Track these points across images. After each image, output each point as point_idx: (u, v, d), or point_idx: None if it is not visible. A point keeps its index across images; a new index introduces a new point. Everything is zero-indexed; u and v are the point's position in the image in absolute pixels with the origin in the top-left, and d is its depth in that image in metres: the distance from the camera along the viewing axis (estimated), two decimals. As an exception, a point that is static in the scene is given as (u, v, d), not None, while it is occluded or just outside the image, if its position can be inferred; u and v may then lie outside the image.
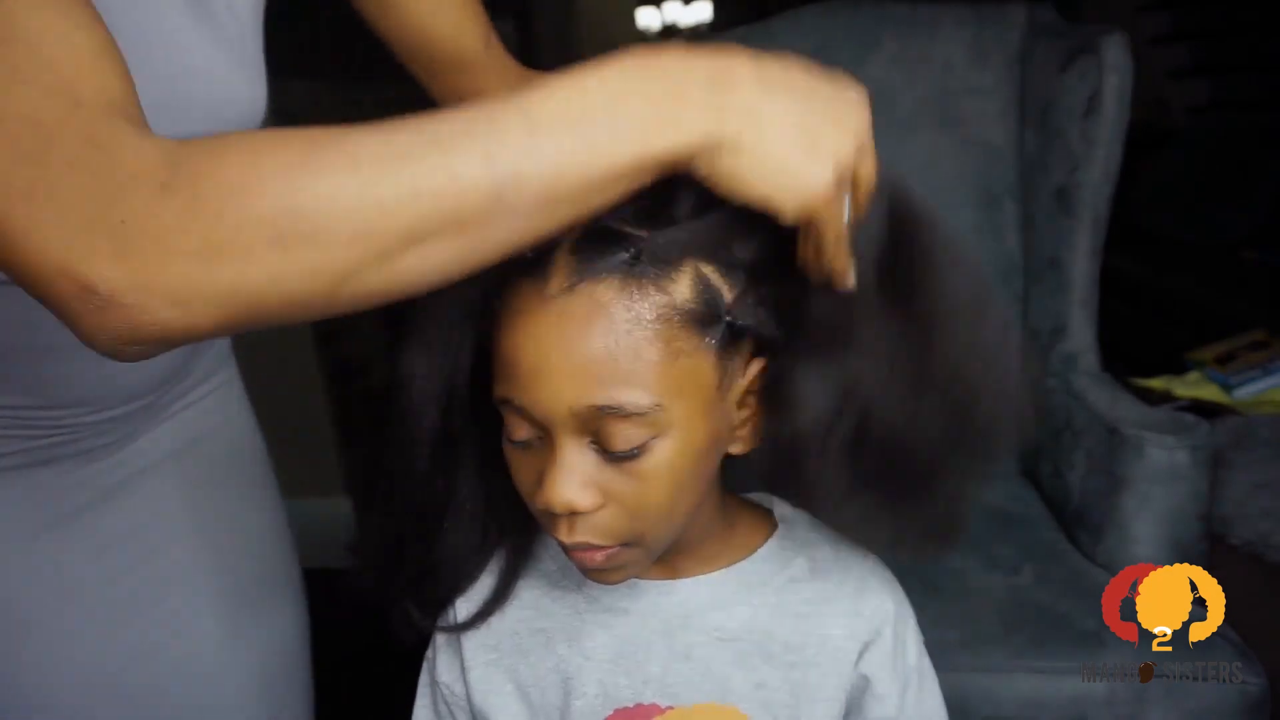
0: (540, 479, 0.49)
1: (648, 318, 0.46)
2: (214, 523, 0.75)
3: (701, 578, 0.58)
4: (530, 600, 0.60)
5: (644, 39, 4.06)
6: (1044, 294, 1.40)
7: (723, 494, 0.59)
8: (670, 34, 4.06)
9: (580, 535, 0.49)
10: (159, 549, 0.70)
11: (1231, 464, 1.33)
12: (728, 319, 0.49)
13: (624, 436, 0.47)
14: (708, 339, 0.48)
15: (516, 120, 0.40)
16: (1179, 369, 1.74)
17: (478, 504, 0.57)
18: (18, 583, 0.63)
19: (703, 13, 4.06)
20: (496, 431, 0.52)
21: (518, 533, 0.60)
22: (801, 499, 0.57)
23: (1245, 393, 1.62)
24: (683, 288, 0.47)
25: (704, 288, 0.48)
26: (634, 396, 0.46)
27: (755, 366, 0.52)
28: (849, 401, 0.49)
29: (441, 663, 0.61)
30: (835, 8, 1.54)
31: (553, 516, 0.50)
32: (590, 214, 0.43)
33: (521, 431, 0.49)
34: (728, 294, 0.48)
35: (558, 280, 0.46)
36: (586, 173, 0.41)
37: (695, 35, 3.96)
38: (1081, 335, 1.36)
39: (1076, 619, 1.06)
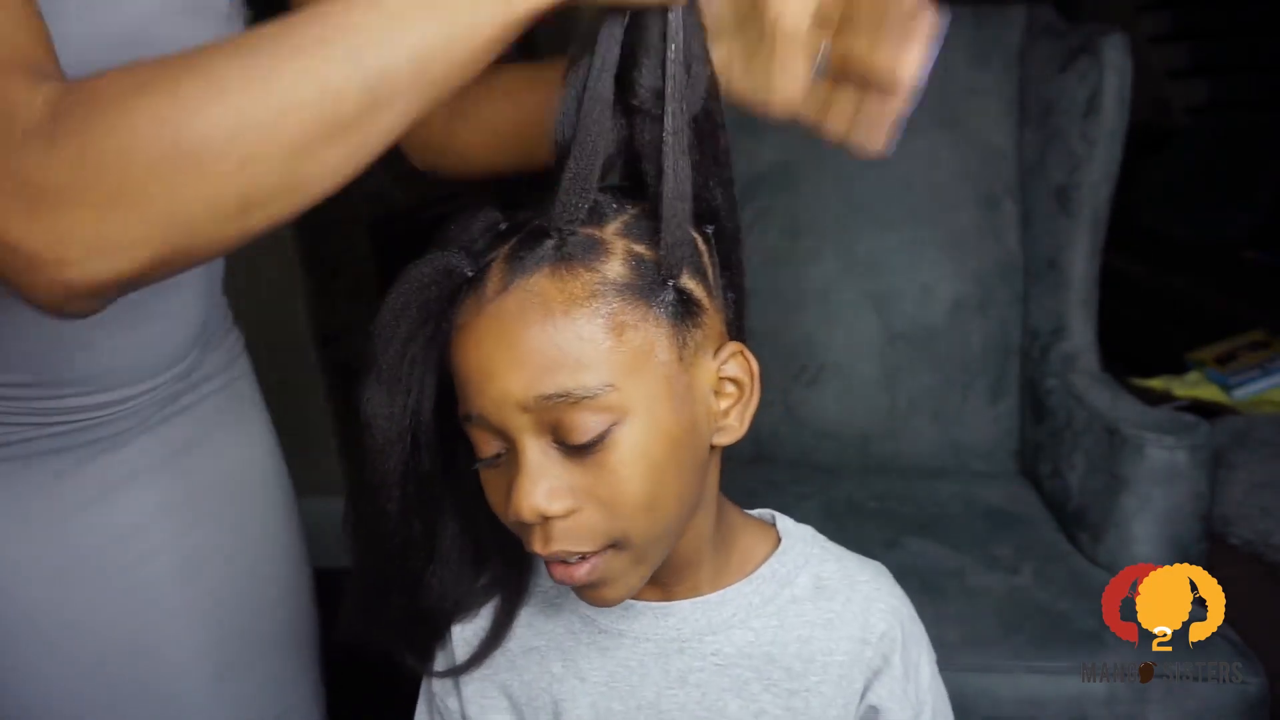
0: (509, 492, 0.47)
1: (582, 296, 0.45)
2: (218, 522, 0.75)
3: (699, 599, 0.56)
4: (524, 617, 0.58)
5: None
6: (1044, 294, 1.40)
7: (722, 506, 0.57)
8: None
9: (558, 544, 0.47)
10: (163, 546, 0.70)
11: (1231, 464, 1.33)
12: (674, 284, 0.47)
13: (582, 427, 0.45)
14: (654, 308, 0.47)
15: (373, 16, 0.40)
16: (1179, 369, 1.74)
17: (466, 548, 0.55)
18: (21, 570, 0.63)
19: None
20: (477, 472, 0.50)
21: (513, 572, 0.58)
22: None
23: (1245, 393, 1.62)
24: (615, 265, 0.46)
25: (637, 262, 0.47)
26: (581, 380, 0.44)
27: (729, 350, 0.50)
28: None
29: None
30: (835, 8, 1.54)
31: (527, 529, 0.47)
32: (471, 79, 0.43)
33: (487, 447, 0.48)
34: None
35: (493, 285, 0.46)
36: (452, 53, 0.41)
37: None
38: (1081, 335, 1.36)
39: (1076, 619, 1.06)
